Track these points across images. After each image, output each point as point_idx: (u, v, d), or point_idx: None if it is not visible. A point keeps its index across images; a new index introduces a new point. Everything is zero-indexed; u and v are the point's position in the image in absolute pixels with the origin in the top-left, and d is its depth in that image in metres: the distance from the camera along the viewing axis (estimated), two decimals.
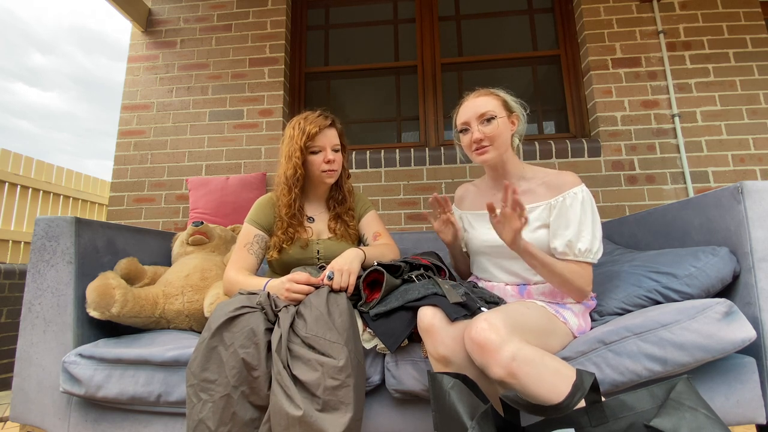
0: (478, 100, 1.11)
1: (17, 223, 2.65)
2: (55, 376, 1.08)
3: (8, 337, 1.94)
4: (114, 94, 17.31)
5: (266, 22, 2.47)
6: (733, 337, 0.83)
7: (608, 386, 0.87)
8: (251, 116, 2.37)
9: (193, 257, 1.40)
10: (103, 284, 1.11)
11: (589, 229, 0.99)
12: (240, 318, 0.92)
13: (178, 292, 1.25)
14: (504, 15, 2.55)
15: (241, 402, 0.85)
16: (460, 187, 1.32)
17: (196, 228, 1.47)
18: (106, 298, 1.10)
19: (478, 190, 1.24)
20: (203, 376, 0.86)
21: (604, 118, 2.18)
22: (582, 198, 1.01)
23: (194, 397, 0.86)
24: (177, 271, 1.32)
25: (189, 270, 1.31)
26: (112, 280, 1.14)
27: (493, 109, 1.08)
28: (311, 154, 1.21)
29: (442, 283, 0.97)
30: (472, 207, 1.22)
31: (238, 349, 0.87)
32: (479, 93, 1.13)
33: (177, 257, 1.47)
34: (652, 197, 2.09)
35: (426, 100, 2.42)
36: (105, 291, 1.10)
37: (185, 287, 1.26)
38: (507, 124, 1.10)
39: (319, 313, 0.92)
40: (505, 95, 1.13)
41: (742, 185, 0.95)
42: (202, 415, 0.83)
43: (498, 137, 1.08)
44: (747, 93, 2.14)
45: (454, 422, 0.69)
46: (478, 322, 0.81)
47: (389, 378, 0.96)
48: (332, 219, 1.29)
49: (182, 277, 1.28)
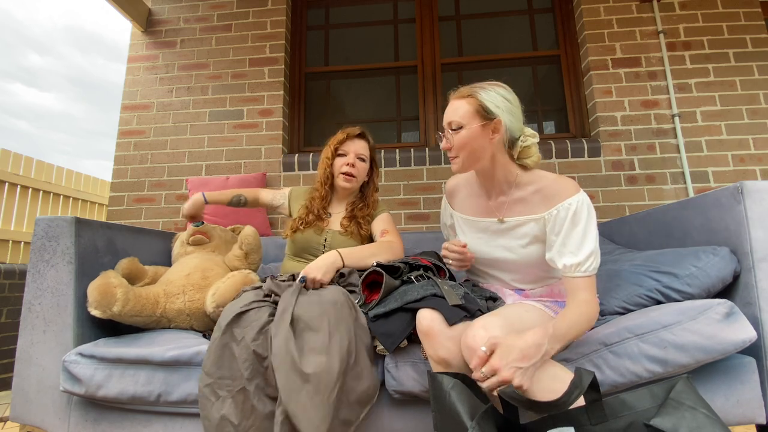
0: (453, 104, 1.01)
1: (17, 223, 2.65)
2: (55, 376, 1.07)
3: (8, 337, 1.94)
4: (111, 95, 16.99)
5: (266, 22, 2.47)
6: (734, 338, 0.83)
7: (608, 387, 0.87)
8: (251, 116, 2.37)
9: (194, 257, 1.40)
10: (104, 283, 1.11)
11: (589, 242, 0.89)
12: (248, 313, 0.95)
13: (179, 291, 1.25)
14: (504, 15, 2.55)
15: (257, 395, 0.87)
16: (451, 179, 1.21)
17: (197, 228, 1.47)
18: (108, 297, 1.09)
19: (469, 191, 1.14)
20: (218, 374, 0.88)
21: (604, 118, 2.18)
22: (575, 209, 0.91)
23: (212, 396, 0.87)
24: (178, 270, 1.32)
25: (190, 269, 1.31)
26: (114, 279, 1.14)
27: (461, 118, 0.97)
28: (338, 156, 1.38)
29: (442, 283, 0.97)
30: (462, 208, 1.15)
31: (250, 343, 0.89)
32: (458, 95, 1.02)
33: (177, 257, 1.47)
34: (652, 197, 2.09)
35: (426, 100, 2.42)
36: (106, 290, 1.10)
37: (186, 286, 1.26)
38: (479, 134, 0.96)
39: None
40: (485, 97, 0.97)
41: (742, 185, 0.95)
42: (224, 411, 0.84)
43: (464, 148, 0.98)
44: (747, 93, 2.14)
45: (454, 422, 0.69)
46: (474, 328, 0.80)
47: (389, 379, 0.96)
48: (347, 218, 1.37)
49: (183, 276, 1.28)
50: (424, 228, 2.16)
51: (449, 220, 1.21)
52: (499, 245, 1.05)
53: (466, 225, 1.13)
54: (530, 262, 1.02)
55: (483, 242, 1.08)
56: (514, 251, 1.02)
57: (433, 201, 2.19)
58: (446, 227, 1.25)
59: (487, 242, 1.07)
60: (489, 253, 1.06)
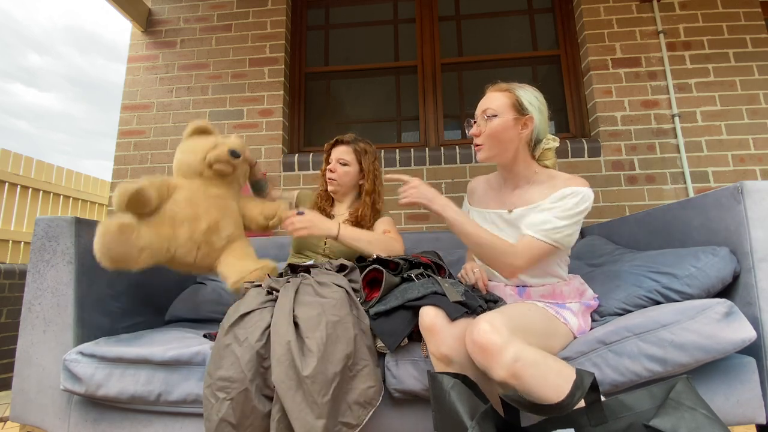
0: (490, 95, 1.08)
1: (17, 223, 2.65)
2: (55, 376, 1.07)
3: (8, 337, 1.94)
4: (110, 95, 16.93)
5: (266, 22, 2.47)
6: (734, 337, 0.83)
7: (608, 386, 0.87)
8: (251, 116, 2.37)
9: (208, 197, 1.22)
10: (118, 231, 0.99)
11: (558, 213, 0.96)
12: (252, 314, 0.95)
13: (193, 246, 1.15)
14: (504, 15, 2.55)
15: (257, 395, 0.87)
16: (474, 180, 1.28)
17: (234, 159, 1.24)
18: (128, 259, 1.00)
19: (488, 186, 1.20)
20: (218, 375, 0.87)
21: (604, 118, 2.18)
22: (571, 193, 0.97)
23: (212, 398, 0.87)
24: (190, 215, 1.17)
25: (203, 218, 1.18)
26: (126, 221, 1.01)
27: (497, 108, 1.04)
28: (327, 162, 1.49)
29: (442, 281, 0.97)
30: (479, 203, 1.19)
31: (253, 344, 0.89)
32: (496, 87, 1.09)
33: (189, 170, 1.26)
34: (652, 197, 2.09)
35: (426, 100, 2.42)
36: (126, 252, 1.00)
37: (202, 243, 1.17)
38: (511, 125, 1.03)
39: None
40: (522, 94, 1.05)
41: (742, 185, 0.95)
42: (222, 414, 0.84)
43: (493, 138, 1.04)
44: (747, 93, 2.14)
45: (454, 422, 0.69)
46: (480, 323, 0.80)
47: (389, 377, 0.96)
48: (348, 221, 1.41)
49: (196, 228, 1.16)
50: (424, 228, 2.16)
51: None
52: (506, 236, 1.06)
53: (480, 217, 1.16)
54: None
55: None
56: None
57: None
58: None
59: (496, 233, 1.08)
60: None
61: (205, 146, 1.26)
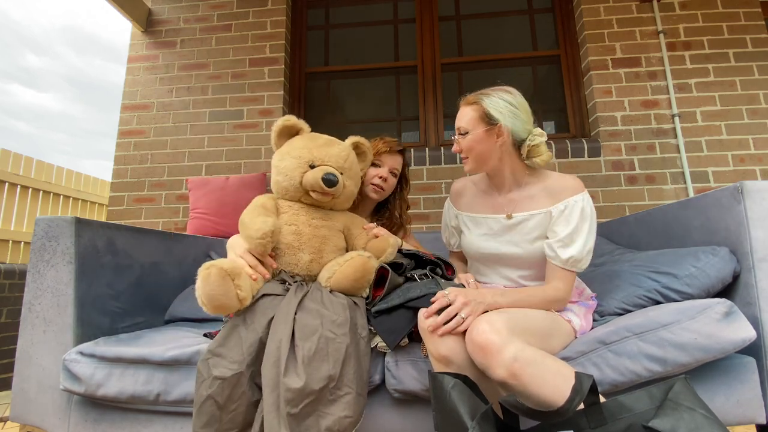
0: (461, 111, 1.09)
1: (17, 223, 2.65)
2: (55, 376, 1.07)
3: (8, 337, 1.94)
4: (109, 95, 16.86)
5: (266, 22, 2.47)
6: (733, 337, 0.83)
7: (608, 386, 0.87)
8: (251, 116, 2.37)
9: (310, 225, 1.11)
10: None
11: (583, 239, 0.97)
12: (263, 300, 0.96)
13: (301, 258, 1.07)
14: (504, 15, 2.55)
15: (250, 382, 0.87)
16: (457, 181, 1.25)
17: (329, 190, 1.08)
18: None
19: (477, 190, 1.19)
20: (218, 351, 0.88)
21: (604, 118, 2.18)
22: (582, 207, 0.99)
23: (204, 371, 0.86)
24: (294, 244, 1.08)
25: (305, 249, 1.09)
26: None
27: (466, 124, 1.05)
28: (373, 165, 1.31)
29: (444, 283, 0.98)
30: (470, 208, 1.18)
31: (260, 330, 0.90)
32: (465, 101, 1.09)
33: (287, 194, 1.14)
34: (652, 197, 2.09)
35: (426, 100, 2.42)
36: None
37: (304, 273, 1.09)
38: (484, 138, 1.04)
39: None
40: (488, 104, 1.03)
41: (742, 185, 0.95)
42: (211, 391, 0.84)
43: (472, 151, 1.06)
44: (747, 93, 2.14)
45: (454, 422, 0.69)
46: (480, 323, 0.81)
47: (389, 378, 0.96)
48: (382, 222, 1.35)
49: (299, 260, 1.08)
50: (424, 228, 2.16)
51: (453, 221, 1.22)
52: (505, 240, 1.08)
53: (473, 223, 1.15)
54: (536, 257, 1.04)
55: (490, 238, 1.10)
56: (521, 246, 1.05)
57: (433, 201, 2.19)
58: (448, 228, 1.26)
59: (494, 238, 1.09)
60: (496, 249, 1.08)
61: (299, 167, 1.13)
